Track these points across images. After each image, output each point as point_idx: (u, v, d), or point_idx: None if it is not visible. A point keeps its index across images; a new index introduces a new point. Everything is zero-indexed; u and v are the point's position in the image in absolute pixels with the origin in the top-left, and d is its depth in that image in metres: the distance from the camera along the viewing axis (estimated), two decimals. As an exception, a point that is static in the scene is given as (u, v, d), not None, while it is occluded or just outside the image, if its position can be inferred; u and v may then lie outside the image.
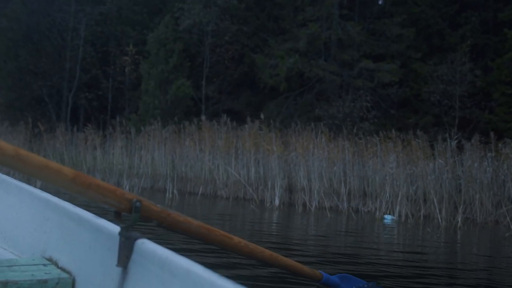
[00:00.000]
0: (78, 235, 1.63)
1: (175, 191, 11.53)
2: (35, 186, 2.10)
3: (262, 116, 15.34)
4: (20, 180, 2.23)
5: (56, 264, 1.69)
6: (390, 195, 11.10)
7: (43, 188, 2.12)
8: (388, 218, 10.06)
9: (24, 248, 1.92)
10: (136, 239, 1.36)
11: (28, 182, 2.36)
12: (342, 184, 11.50)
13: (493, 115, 17.41)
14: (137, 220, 1.37)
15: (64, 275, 1.59)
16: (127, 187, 12.21)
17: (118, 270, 1.37)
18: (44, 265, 1.67)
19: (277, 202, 11.19)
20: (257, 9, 21.65)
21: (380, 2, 21.11)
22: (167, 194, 11.50)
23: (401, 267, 5.04)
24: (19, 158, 1.17)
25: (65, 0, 24.25)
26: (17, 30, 25.03)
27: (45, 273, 1.58)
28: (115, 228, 1.43)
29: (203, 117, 15.95)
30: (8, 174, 2.39)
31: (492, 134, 12.17)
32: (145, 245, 1.33)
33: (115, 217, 1.39)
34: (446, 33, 19.12)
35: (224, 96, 21.23)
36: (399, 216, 10.42)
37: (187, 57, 21.00)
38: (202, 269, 1.13)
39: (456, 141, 12.24)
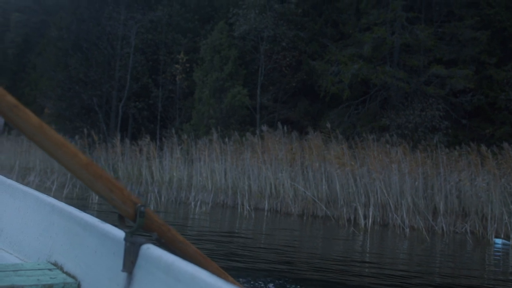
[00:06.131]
0: (83, 240, 1.63)
1: (247, 207, 10.47)
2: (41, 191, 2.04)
3: (328, 125, 14.26)
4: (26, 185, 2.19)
5: (61, 268, 1.69)
6: (490, 215, 9.77)
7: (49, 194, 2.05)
8: (499, 242, 8.73)
9: (30, 252, 1.92)
10: (141, 244, 1.35)
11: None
12: (439, 201, 10.18)
13: None
14: (141, 226, 1.31)
15: (70, 280, 1.59)
16: (194, 203, 11.26)
17: (124, 275, 1.36)
18: (50, 269, 1.67)
19: (364, 222, 9.94)
20: (315, 14, 20.58)
21: None
22: (239, 210, 10.46)
23: None
24: (42, 130, 1.18)
25: (115, 8, 23.81)
26: (67, 39, 24.77)
27: (51, 278, 1.58)
28: (121, 233, 1.41)
29: (264, 127, 14.96)
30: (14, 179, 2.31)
31: None
32: (150, 251, 1.32)
33: (119, 222, 1.36)
34: (524, 36, 17.60)
35: (280, 105, 20.21)
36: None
37: (242, 64, 20.10)
38: (208, 274, 1.11)
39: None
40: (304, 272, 5.08)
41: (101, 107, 23.69)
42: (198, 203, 10.94)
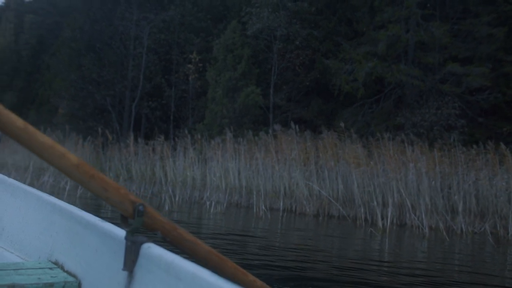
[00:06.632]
0: (84, 238, 1.63)
1: (263, 207, 10.38)
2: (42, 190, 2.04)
3: (342, 124, 14.09)
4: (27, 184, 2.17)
5: (62, 267, 1.69)
6: (511, 215, 9.57)
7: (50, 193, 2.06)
8: (520, 243, 8.55)
9: (30, 251, 1.92)
10: (142, 243, 1.35)
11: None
12: (458, 201, 10.00)
13: None
14: (140, 225, 1.30)
15: (70, 278, 1.59)
16: (209, 203, 11.18)
17: (124, 274, 1.36)
18: (51, 268, 1.67)
19: (382, 222, 9.77)
20: (328, 12, 20.43)
21: None
22: (255, 210, 10.38)
23: None
24: (26, 131, 1.19)
25: (127, 8, 23.85)
26: (80, 40, 24.88)
27: (51, 277, 1.58)
28: (122, 232, 1.41)
29: (276, 126, 14.86)
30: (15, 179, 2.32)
31: None
32: (151, 249, 1.32)
33: (122, 221, 1.35)
34: (542, 33, 17.26)
35: (293, 104, 20.08)
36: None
37: (255, 63, 20.02)
38: (209, 273, 1.11)
39: None
40: (326, 271, 4.98)
41: (114, 107, 23.75)
42: (213, 203, 10.86)
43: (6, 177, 2.30)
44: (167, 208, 10.18)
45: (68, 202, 1.93)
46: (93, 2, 25.20)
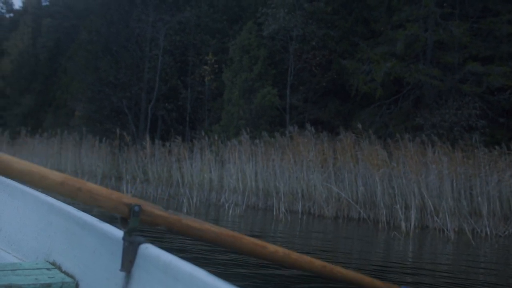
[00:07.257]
0: (82, 239, 1.62)
1: (283, 209, 10.25)
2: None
3: (359, 125, 13.89)
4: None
5: (59, 268, 1.67)
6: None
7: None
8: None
9: (28, 252, 1.91)
10: (139, 243, 1.35)
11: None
12: (483, 203, 9.77)
13: None
14: (136, 225, 1.31)
15: (68, 279, 1.58)
16: (227, 205, 11.09)
17: (122, 274, 1.36)
18: (48, 269, 1.66)
19: (405, 225, 9.56)
20: (345, 12, 20.23)
21: None
22: (274, 212, 10.25)
23: None
24: (1, 163, 1.18)
25: (143, 10, 23.89)
26: (97, 42, 24.99)
27: (49, 277, 1.57)
28: (119, 233, 1.41)
29: (292, 128, 14.75)
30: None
31: None
32: (149, 250, 1.32)
33: (121, 223, 1.34)
34: None
35: (310, 105, 19.89)
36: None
37: (271, 64, 19.89)
38: (206, 274, 1.12)
39: None
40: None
41: (130, 109, 23.80)
42: (232, 205, 10.76)
43: (3, 178, 2.24)
44: (185, 210, 10.11)
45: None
46: (110, 5, 25.31)
